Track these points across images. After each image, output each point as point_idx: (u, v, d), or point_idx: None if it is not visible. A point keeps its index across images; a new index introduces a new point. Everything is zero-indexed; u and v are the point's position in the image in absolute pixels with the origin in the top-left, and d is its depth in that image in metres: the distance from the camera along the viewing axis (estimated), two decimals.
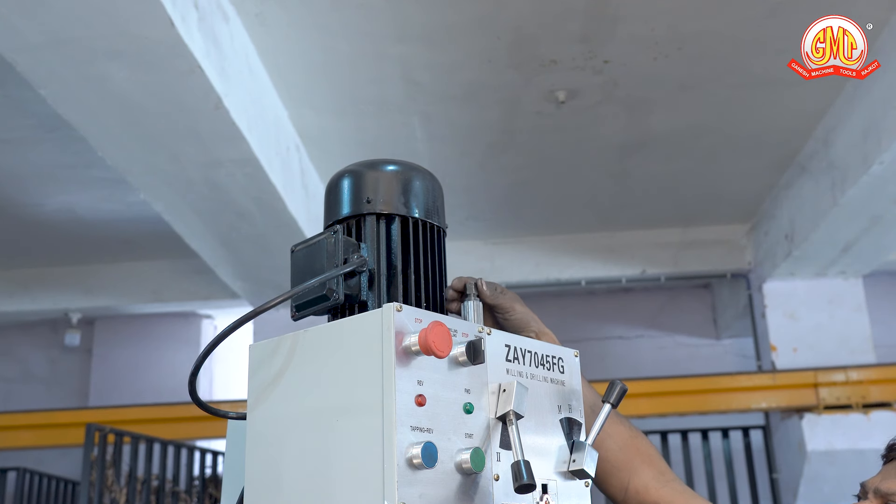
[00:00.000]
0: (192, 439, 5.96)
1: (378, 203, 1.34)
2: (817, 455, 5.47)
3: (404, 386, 1.08)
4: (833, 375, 5.62)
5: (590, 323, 7.22)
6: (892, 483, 1.50)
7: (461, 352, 1.15)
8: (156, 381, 6.96)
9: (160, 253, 6.46)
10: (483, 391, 1.18)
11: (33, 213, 5.78)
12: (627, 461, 1.58)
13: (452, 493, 1.10)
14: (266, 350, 1.24)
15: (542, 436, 1.24)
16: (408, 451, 1.06)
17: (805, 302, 5.97)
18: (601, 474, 1.58)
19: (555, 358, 1.31)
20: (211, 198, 4.59)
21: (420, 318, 1.13)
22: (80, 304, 6.80)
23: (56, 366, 7.50)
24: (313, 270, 1.30)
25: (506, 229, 6.37)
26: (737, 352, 7.19)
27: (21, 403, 6.99)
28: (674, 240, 6.41)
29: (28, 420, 6.22)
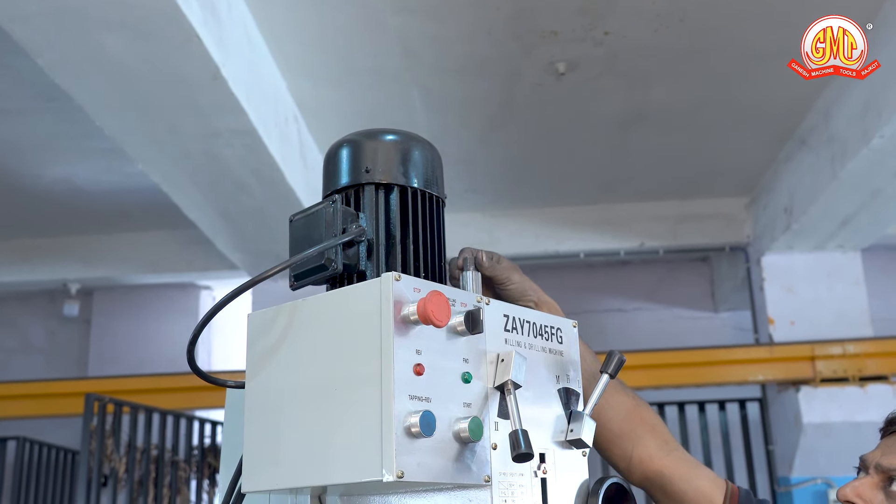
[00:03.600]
0: (191, 409, 5.98)
1: (377, 173, 1.33)
2: (813, 427, 5.50)
3: (403, 355, 1.08)
4: (830, 348, 5.64)
5: (588, 295, 7.23)
6: (893, 458, 1.49)
7: (460, 321, 1.15)
8: (154, 351, 6.98)
9: (159, 224, 6.45)
10: (481, 361, 1.18)
11: (32, 184, 5.77)
12: (631, 430, 1.58)
13: (450, 462, 1.10)
14: (264, 319, 1.24)
15: (539, 405, 1.25)
16: (406, 419, 1.06)
17: (803, 275, 5.98)
18: (605, 443, 1.59)
19: (553, 328, 1.31)
20: (209, 169, 4.58)
21: (419, 288, 1.13)
22: (78, 275, 6.80)
23: (55, 336, 7.51)
24: (312, 240, 1.30)
25: (505, 202, 6.36)
26: (734, 325, 7.21)
27: (20, 373, 7.02)
28: (672, 213, 6.40)
29: (27, 390, 6.24)
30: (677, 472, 1.59)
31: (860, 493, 1.47)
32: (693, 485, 1.58)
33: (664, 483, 1.59)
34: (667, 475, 1.58)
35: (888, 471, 1.48)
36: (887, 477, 1.48)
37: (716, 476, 1.61)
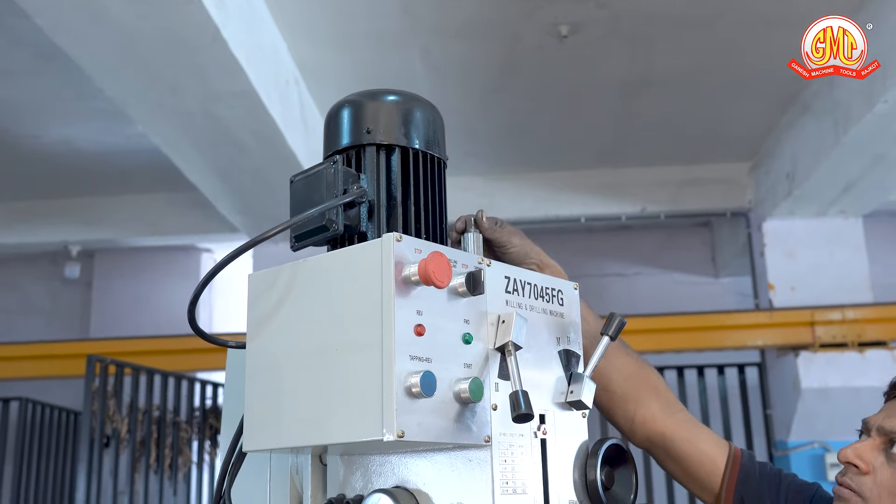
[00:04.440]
0: (192, 371, 6.01)
1: (378, 133, 1.33)
2: (811, 392, 5.53)
3: (403, 315, 1.08)
4: (830, 314, 5.65)
5: (588, 260, 7.23)
6: (882, 417, 1.50)
7: (461, 282, 1.15)
8: (156, 313, 7.00)
9: (159, 186, 6.44)
10: (482, 322, 1.18)
11: (31, 145, 5.75)
12: (634, 392, 1.59)
13: (451, 422, 1.11)
14: (265, 280, 1.24)
15: (540, 367, 1.25)
16: (407, 379, 1.06)
17: (804, 241, 5.98)
18: (608, 404, 1.60)
19: (554, 290, 1.31)
20: (210, 131, 4.56)
21: (420, 249, 1.13)
22: (79, 237, 6.80)
23: (56, 298, 7.53)
24: (312, 201, 1.29)
25: (506, 165, 6.34)
26: (735, 290, 7.22)
27: (22, 335, 7.04)
28: (674, 178, 6.38)
29: (29, 351, 6.27)
30: (679, 433, 1.60)
31: (860, 455, 1.48)
32: (696, 446, 1.59)
33: (667, 444, 1.60)
34: (669, 436, 1.60)
35: (890, 433, 1.48)
36: (888, 440, 1.48)
37: (719, 438, 1.62)
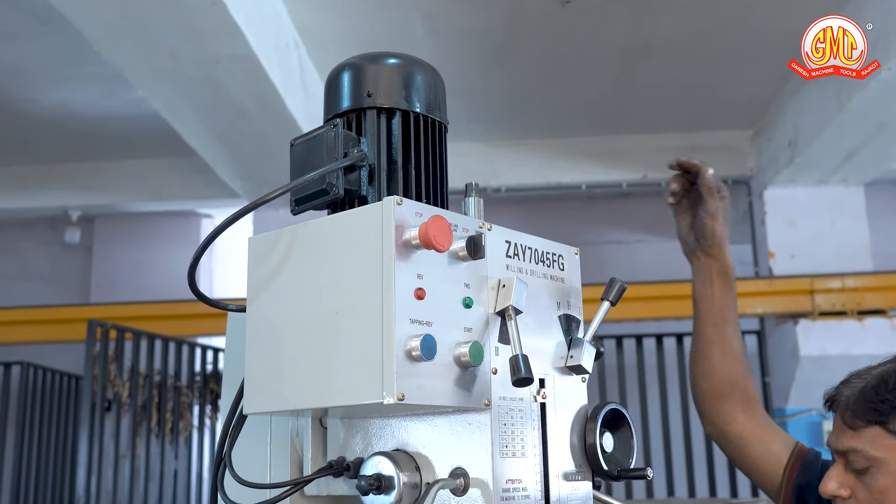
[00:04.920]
0: (193, 336, 6.03)
1: (379, 97, 1.32)
2: (810, 360, 5.55)
3: (404, 279, 1.08)
4: (829, 282, 5.66)
5: (589, 227, 7.23)
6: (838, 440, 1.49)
7: (461, 246, 1.14)
8: (156, 279, 7.00)
9: (159, 151, 6.41)
10: (482, 286, 1.18)
11: (30, 109, 5.72)
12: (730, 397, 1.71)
13: (451, 386, 1.11)
14: (265, 243, 1.24)
15: (540, 331, 1.25)
16: (407, 343, 1.06)
17: (805, 209, 5.97)
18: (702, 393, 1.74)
19: (555, 255, 1.31)
20: (209, 95, 4.53)
21: (420, 212, 1.12)
22: (79, 202, 6.79)
23: (56, 263, 7.53)
24: (313, 164, 1.29)
25: (507, 132, 6.31)
26: (735, 258, 7.00)
27: (22, 300, 7.04)
28: (676, 145, 6.36)
29: (30, 315, 6.28)
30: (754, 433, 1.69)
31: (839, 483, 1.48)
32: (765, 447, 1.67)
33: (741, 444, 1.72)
34: (744, 436, 1.70)
35: (843, 452, 1.48)
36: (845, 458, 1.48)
37: (789, 438, 1.69)
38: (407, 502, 1.15)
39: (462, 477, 1.14)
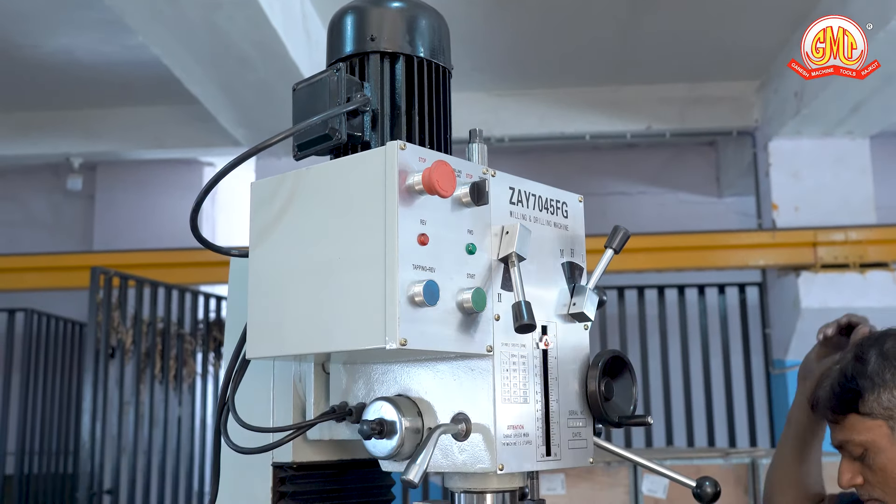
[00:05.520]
0: (196, 284, 6.04)
1: (382, 41, 1.30)
2: (811, 312, 5.56)
3: (407, 224, 1.08)
4: (832, 235, 5.65)
5: (592, 178, 7.20)
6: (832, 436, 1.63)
7: (465, 192, 1.14)
8: (158, 227, 7.00)
9: (161, 98, 6.37)
10: (486, 232, 1.17)
11: (30, 55, 5.67)
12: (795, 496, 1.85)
13: (453, 332, 1.11)
14: (268, 188, 1.24)
15: (543, 279, 1.25)
16: (410, 288, 1.06)
17: (810, 161, 5.94)
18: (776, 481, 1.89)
19: (559, 202, 1.30)
20: (210, 42, 4.49)
21: (424, 158, 1.11)
22: (80, 149, 6.76)
23: (59, 210, 7.53)
24: (315, 109, 1.28)
25: (510, 81, 6.26)
26: (738, 210, 7.20)
27: (25, 247, 7.06)
28: (681, 95, 6.31)
29: (33, 263, 6.29)
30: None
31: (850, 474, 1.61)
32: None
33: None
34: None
35: (841, 446, 1.61)
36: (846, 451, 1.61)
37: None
38: (409, 447, 1.16)
39: (464, 422, 1.15)
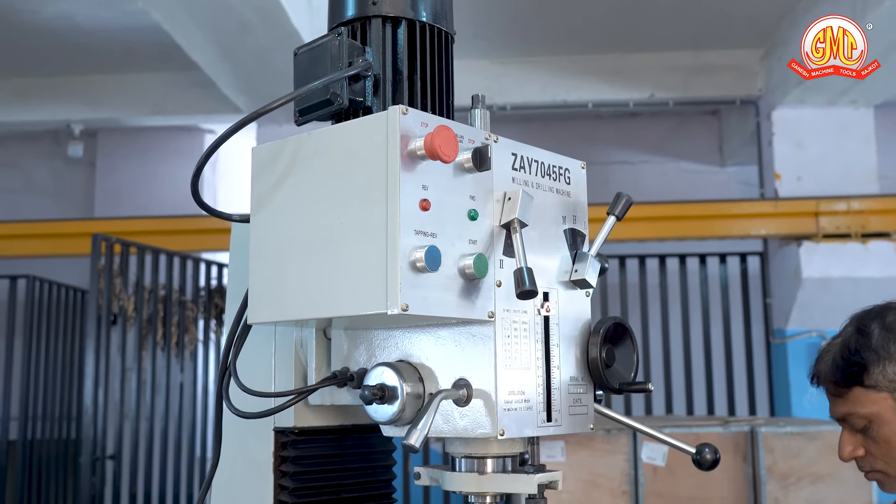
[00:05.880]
0: (197, 251, 6.05)
1: (384, 5, 1.29)
2: (812, 282, 5.56)
3: (409, 190, 1.07)
4: (835, 204, 5.64)
5: (595, 147, 7.18)
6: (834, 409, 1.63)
7: (467, 158, 1.13)
8: (159, 194, 6.99)
9: (161, 65, 6.34)
10: (488, 198, 1.17)
11: (32, 20, 5.63)
12: None
13: (455, 298, 1.11)
14: (269, 153, 1.23)
15: (545, 245, 1.25)
16: (411, 254, 1.06)
17: (813, 130, 5.91)
18: None
19: (561, 168, 1.30)
20: (211, 7, 4.46)
21: (426, 123, 1.11)
22: (81, 116, 6.73)
23: (60, 177, 7.51)
24: (316, 74, 1.27)
25: (513, 48, 6.22)
26: (740, 179, 7.18)
27: (26, 213, 7.05)
28: (685, 63, 6.27)
29: (35, 229, 6.30)
30: None
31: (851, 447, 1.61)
32: None
33: None
34: None
35: (842, 419, 1.62)
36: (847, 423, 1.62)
37: None
38: (410, 412, 1.16)
39: (465, 388, 1.15)
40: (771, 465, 3.80)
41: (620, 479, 3.85)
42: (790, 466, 3.82)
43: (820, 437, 3.82)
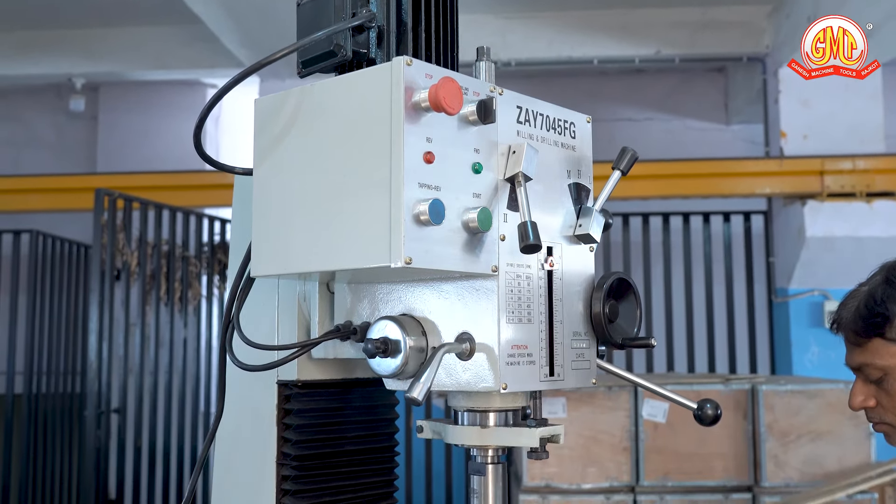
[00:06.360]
0: (200, 207, 6.04)
1: None
2: (816, 241, 5.55)
3: (413, 142, 1.06)
4: (840, 163, 5.61)
5: (599, 104, 7.13)
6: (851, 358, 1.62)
7: (472, 110, 1.12)
8: (162, 149, 6.97)
9: (163, 18, 6.28)
10: (492, 152, 1.16)
11: None
12: None
13: (458, 251, 1.10)
14: (272, 104, 1.22)
15: (549, 199, 1.24)
16: (415, 207, 1.06)
17: (820, 88, 5.86)
18: None
19: (566, 122, 1.29)
20: None
21: (430, 74, 1.10)
22: (83, 69, 6.69)
23: (62, 132, 7.48)
24: (320, 25, 1.26)
25: (519, 3, 6.15)
26: (745, 137, 7.14)
27: (29, 168, 7.04)
28: (692, 19, 6.20)
29: (38, 184, 6.29)
30: None
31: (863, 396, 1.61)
32: None
33: None
34: None
35: (858, 367, 1.61)
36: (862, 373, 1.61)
37: None
38: (413, 366, 1.17)
39: (468, 342, 1.15)
40: (771, 423, 3.82)
41: (621, 436, 3.88)
42: (790, 424, 3.84)
43: (820, 395, 3.83)
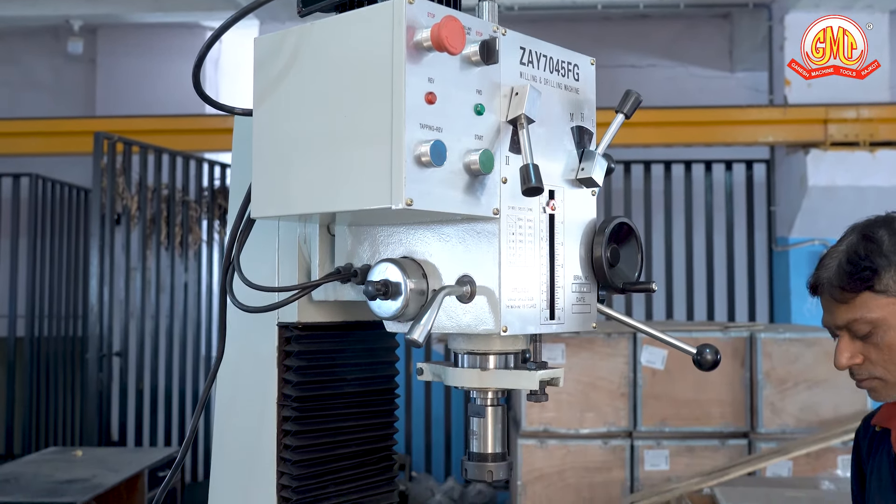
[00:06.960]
0: (200, 151, 6.01)
1: None
2: (818, 190, 5.53)
3: (414, 82, 1.05)
4: (844, 112, 5.57)
5: (602, 50, 7.04)
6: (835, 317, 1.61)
7: (474, 51, 1.11)
8: (161, 93, 6.91)
9: None
10: (495, 93, 1.15)
11: None
12: None
13: (459, 193, 1.10)
14: (272, 43, 1.20)
15: (552, 142, 1.23)
16: (416, 148, 1.04)
17: None
18: None
19: (570, 64, 1.27)
20: None
21: (433, 13, 1.08)
22: (80, 11, 6.60)
23: (60, 74, 7.41)
24: None
25: None
26: (749, 85, 7.08)
27: (26, 111, 6.98)
28: None
29: (36, 127, 6.25)
30: None
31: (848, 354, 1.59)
32: None
33: None
34: None
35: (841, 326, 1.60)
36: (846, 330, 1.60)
37: None
38: (413, 308, 1.16)
39: (469, 284, 1.15)
40: (769, 370, 3.85)
41: (619, 382, 3.91)
42: (787, 372, 3.86)
43: (818, 343, 3.85)
